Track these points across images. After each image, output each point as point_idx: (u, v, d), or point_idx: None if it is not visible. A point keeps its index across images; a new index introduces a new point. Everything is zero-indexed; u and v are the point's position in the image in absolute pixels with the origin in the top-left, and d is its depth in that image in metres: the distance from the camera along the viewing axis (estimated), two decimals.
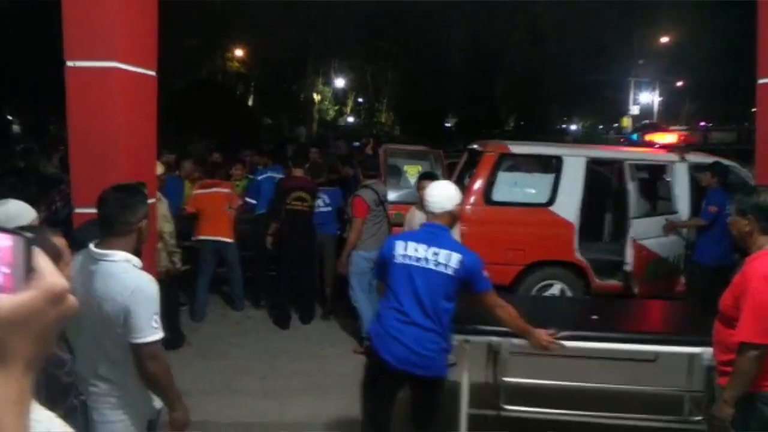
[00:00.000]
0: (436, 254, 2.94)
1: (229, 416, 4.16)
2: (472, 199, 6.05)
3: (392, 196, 6.15)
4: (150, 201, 3.96)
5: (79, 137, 3.63)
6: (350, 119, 36.70)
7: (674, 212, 6.20)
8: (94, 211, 2.55)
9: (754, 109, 4.39)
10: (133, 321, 2.22)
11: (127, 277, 2.26)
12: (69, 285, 0.66)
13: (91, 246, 2.34)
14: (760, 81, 4.02)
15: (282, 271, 6.17)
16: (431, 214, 3.10)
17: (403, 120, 35.39)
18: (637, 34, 31.63)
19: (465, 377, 3.46)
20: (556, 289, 5.76)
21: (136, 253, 2.41)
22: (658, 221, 6.18)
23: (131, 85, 3.79)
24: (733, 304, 2.63)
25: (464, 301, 3.07)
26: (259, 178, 6.83)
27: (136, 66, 3.81)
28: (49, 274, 0.64)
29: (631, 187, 5.98)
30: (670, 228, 6.06)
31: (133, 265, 2.32)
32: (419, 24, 30.12)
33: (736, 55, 20.50)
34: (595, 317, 3.82)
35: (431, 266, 2.94)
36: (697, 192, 6.18)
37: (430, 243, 2.97)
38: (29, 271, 0.62)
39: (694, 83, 32.22)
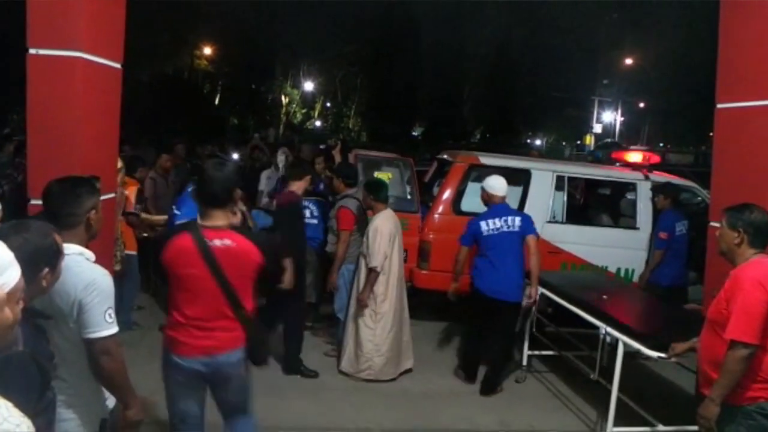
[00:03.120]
0: (506, 221, 4.78)
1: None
2: (440, 209, 6.08)
3: None
4: (109, 196, 3.87)
5: (39, 127, 3.49)
6: (317, 123, 36.58)
7: (636, 228, 6.35)
8: None
9: (711, 133, 4.53)
10: (87, 316, 2.17)
11: (81, 271, 2.20)
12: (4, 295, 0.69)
13: None
14: (719, 106, 4.16)
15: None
16: (498, 197, 4.86)
17: (370, 126, 35.47)
18: (602, 55, 32.47)
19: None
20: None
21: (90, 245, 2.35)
22: (584, 230, 6.40)
23: (95, 77, 3.67)
24: (725, 309, 2.72)
25: None
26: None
27: (101, 57, 3.70)
28: None
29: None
30: (643, 284, 5.92)
31: (86, 259, 2.27)
32: (390, 32, 30.34)
33: (694, 80, 21.23)
34: (605, 297, 4.65)
35: (505, 229, 4.76)
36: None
37: (502, 215, 4.81)
38: None
39: (654, 105, 33.21)
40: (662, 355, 3.54)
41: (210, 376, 2.74)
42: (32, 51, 3.43)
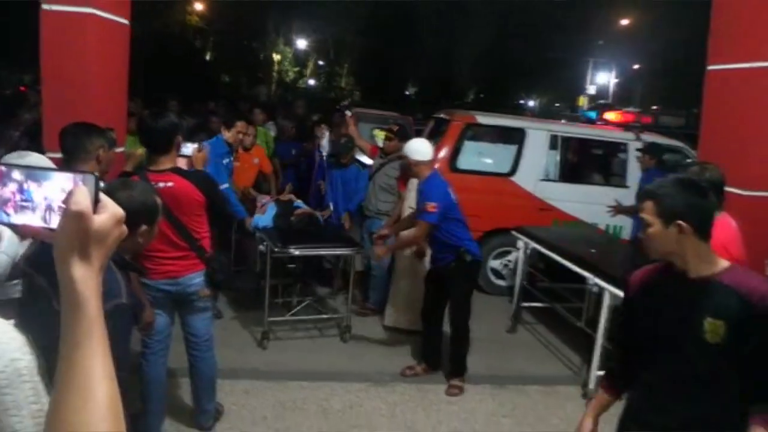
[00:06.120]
0: None
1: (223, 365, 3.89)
2: (437, 166, 6.22)
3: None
4: (119, 150, 3.99)
5: (53, 81, 3.61)
6: (311, 82, 36.19)
7: (626, 186, 6.51)
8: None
9: None
10: None
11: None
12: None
13: None
14: (710, 67, 4.29)
15: None
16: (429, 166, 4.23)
17: (364, 86, 35.13)
18: (598, 15, 32.08)
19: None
20: (512, 256, 6.03)
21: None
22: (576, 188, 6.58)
23: (106, 33, 3.77)
24: None
25: None
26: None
27: (111, 13, 3.78)
28: (111, 204, 0.83)
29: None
30: (617, 211, 6.24)
31: None
32: None
33: (689, 42, 21.14)
34: (593, 251, 4.84)
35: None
36: None
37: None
38: (97, 201, 0.81)
39: (648, 67, 33.04)
40: None
41: (176, 296, 3.15)
42: (45, 7, 3.51)
